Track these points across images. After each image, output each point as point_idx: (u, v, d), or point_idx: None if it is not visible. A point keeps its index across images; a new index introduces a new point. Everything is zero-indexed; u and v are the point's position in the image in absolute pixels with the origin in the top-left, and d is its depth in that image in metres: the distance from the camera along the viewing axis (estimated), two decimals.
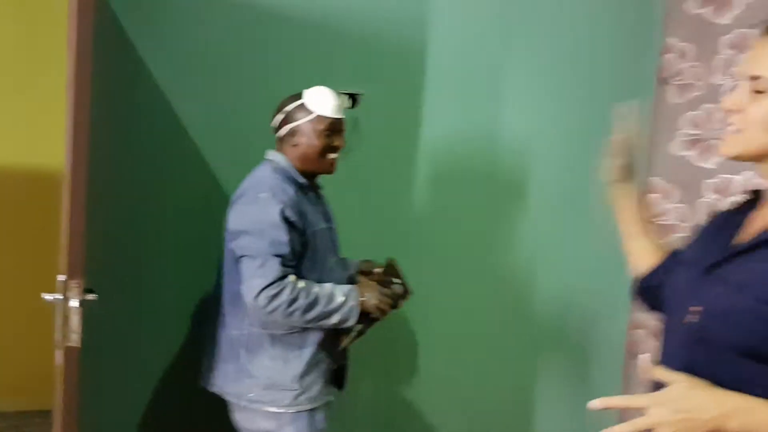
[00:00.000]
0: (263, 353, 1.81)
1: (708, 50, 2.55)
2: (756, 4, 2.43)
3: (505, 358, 2.68)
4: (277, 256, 1.70)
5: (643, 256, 1.38)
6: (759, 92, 1.02)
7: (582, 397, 2.63)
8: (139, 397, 2.19)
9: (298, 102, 1.82)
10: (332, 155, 1.84)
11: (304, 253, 1.78)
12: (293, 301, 1.69)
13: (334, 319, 1.77)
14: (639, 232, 1.40)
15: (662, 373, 1.03)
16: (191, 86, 2.13)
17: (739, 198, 1.20)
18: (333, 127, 1.83)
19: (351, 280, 1.94)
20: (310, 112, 1.80)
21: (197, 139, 2.17)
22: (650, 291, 1.33)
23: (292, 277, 1.72)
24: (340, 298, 1.77)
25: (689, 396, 0.96)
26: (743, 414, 0.94)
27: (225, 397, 1.87)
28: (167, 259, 2.18)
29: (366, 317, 1.82)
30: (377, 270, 2.03)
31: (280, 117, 1.84)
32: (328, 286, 1.78)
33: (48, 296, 1.45)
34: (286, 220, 1.71)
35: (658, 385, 1.04)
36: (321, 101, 1.81)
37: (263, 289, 1.67)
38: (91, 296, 1.49)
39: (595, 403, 0.98)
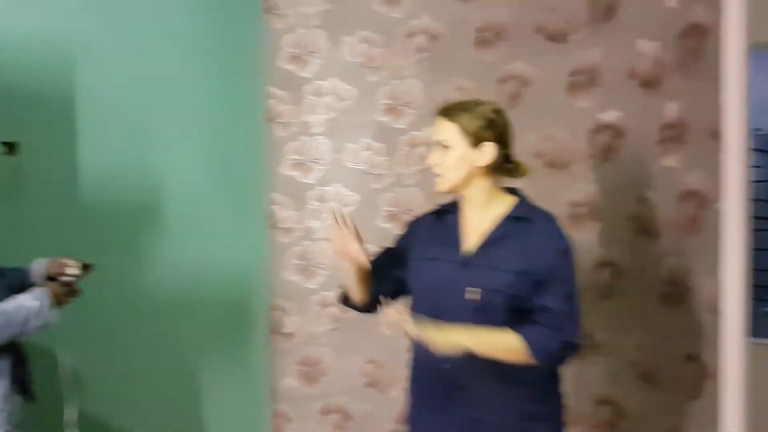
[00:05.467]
0: None
1: (297, 96, 3.45)
2: (326, 64, 3.40)
3: (173, 352, 3.13)
4: None
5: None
6: (445, 147, 1.76)
7: (245, 376, 3.25)
8: None
9: None
10: None
11: None
12: None
13: (37, 321, 1.94)
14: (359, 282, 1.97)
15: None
16: None
17: (431, 209, 1.93)
18: None
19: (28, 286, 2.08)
20: None
21: None
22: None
23: None
24: (34, 303, 1.94)
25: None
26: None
27: None
28: None
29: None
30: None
31: None
32: (11, 301, 1.92)
33: None
34: None
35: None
36: None
37: None
38: None
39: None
